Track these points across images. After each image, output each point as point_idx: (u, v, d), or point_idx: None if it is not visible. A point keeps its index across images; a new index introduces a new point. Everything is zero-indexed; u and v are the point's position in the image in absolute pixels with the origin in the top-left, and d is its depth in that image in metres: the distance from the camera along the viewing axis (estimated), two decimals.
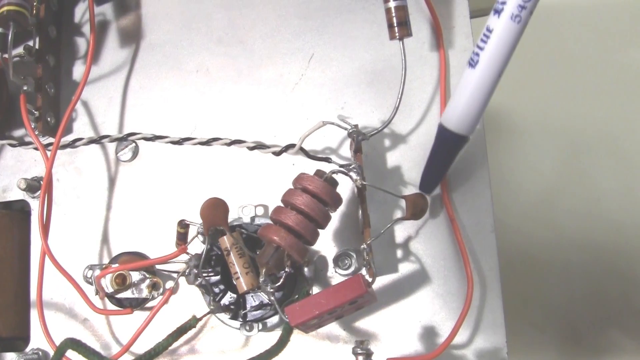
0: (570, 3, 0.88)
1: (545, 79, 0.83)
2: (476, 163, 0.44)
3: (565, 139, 0.75)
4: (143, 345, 0.43)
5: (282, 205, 0.39)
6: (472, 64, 0.28)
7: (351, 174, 0.41)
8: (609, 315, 0.65)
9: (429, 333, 0.42)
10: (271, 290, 0.40)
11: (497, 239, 0.43)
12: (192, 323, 0.42)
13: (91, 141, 0.49)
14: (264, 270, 0.39)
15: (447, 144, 0.31)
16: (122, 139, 0.49)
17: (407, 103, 0.45)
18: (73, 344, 0.38)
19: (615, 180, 0.71)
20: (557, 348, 0.66)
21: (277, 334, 0.44)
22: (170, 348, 0.41)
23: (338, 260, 0.44)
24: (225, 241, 0.41)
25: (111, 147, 0.50)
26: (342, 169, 0.41)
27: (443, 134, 0.31)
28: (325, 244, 0.44)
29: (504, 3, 0.27)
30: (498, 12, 0.27)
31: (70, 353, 0.41)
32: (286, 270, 0.40)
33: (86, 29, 0.52)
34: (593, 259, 0.68)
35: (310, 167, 0.43)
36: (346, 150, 0.45)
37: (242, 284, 0.41)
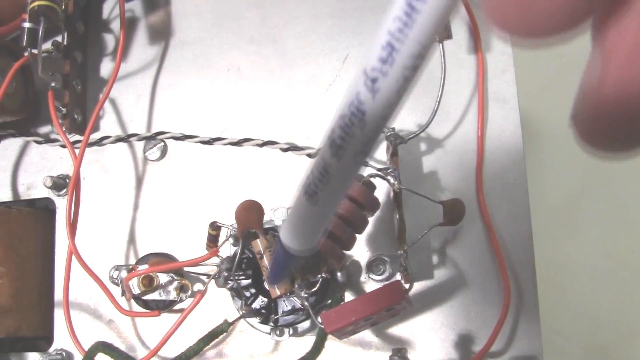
0: None
1: (569, 84, 0.82)
2: (513, 170, 0.43)
3: None
4: (169, 348, 0.43)
5: None
6: (312, 202, 0.23)
7: (388, 177, 0.40)
8: (636, 323, 0.64)
9: (464, 341, 0.42)
10: (305, 295, 0.40)
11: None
12: (223, 327, 0.41)
13: (119, 139, 0.49)
14: (300, 275, 0.38)
15: (285, 256, 0.27)
16: (151, 138, 0.48)
17: (443, 106, 0.44)
18: (105, 347, 0.38)
19: None
20: (583, 356, 0.65)
21: (307, 339, 0.43)
22: None
23: (372, 266, 0.43)
24: (259, 244, 0.40)
25: (139, 145, 0.49)
26: (379, 172, 0.40)
27: (281, 246, 0.27)
28: (359, 249, 0.44)
29: (342, 147, 0.20)
30: (336, 155, 0.21)
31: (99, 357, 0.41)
32: (322, 275, 0.39)
33: (114, 25, 0.51)
34: (619, 266, 0.67)
35: None
36: (381, 154, 0.45)
37: (275, 288, 0.40)
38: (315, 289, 0.39)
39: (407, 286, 0.39)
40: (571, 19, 0.13)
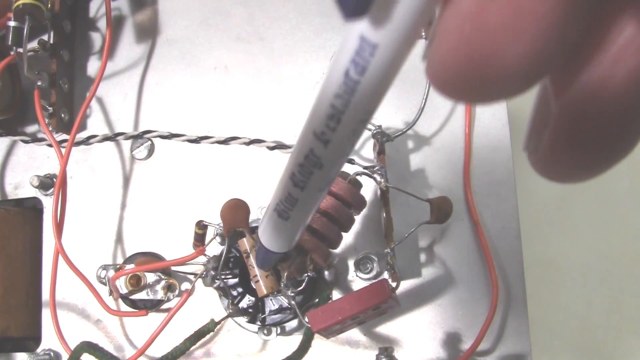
0: None
1: None
2: (501, 167, 0.43)
3: None
4: (156, 348, 0.42)
5: None
6: (284, 217, 0.24)
7: (375, 176, 0.40)
8: (627, 321, 0.64)
9: (452, 339, 0.41)
10: (292, 294, 0.40)
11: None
12: (210, 327, 0.41)
13: (105, 138, 0.48)
14: (285, 274, 0.38)
15: (266, 252, 0.29)
16: (138, 137, 0.48)
17: (431, 104, 0.44)
18: (90, 347, 0.37)
19: (632, 186, 0.70)
20: (574, 354, 0.65)
21: (295, 337, 0.43)
22: None
23: (359, 264, 0.43)
24: (245, 243, 0.40)
25: (126, 144, 0.49)
26: (366, 170, 0.40)
27: (261, 244, 0.29)
28: (346, 247, 0.43)
29: (304, 182, 0.21)
30: (299, 187, 0.22)
31: (85, 357, 0.41)
32: (308, 274, 0.39)
33: (101, 24, 0.51)
34: (611, 265, 0.67)
35: None
36: (368, 152, 0.44)
37: (262, 287, 0.40)
38: (301, 287, 0.39)
39: (394, 285, 0.39)
40: (522, 86, 0.13)
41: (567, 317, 0.65)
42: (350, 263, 0.43)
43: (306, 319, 0.38)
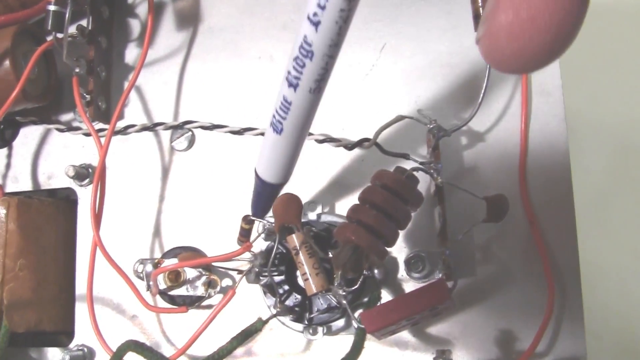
0: (621, 2, 0.85)
1: (596, 78, 0.80)
2: (558, 165, 0.41)
3: (616, 139, 0.72)
4: (194, 346, 0.41)
5: (359, 203, 0.37)
6: (277, 130, 0.28)
7: (432, 172, 0.39)
8: None
9: (506, 340, 0.40)
10: (344, 293, 0.38)
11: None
12: (258, 326, 0.39)
13: (144, 128, 0.47)
14: (340, 273, 0.37)
15: (261, 187, 0.33)
16: (178, 127, 0.46)
17: (485, 98, 0.42)
18: (137, 347, 0.36)
19: None
20: (614, 355, 0.64)
21: (341, 337, 0.42)
22: None
23: (410, 263, 0.41)
24: (295, 239, 0.39)
25: (165, 135, 0.47)
26: (422, 166, 0.38)
27: (257, 178, 0.32)
28: (396, 245, 0.42)
29: (297, 78, 0.25)
30: (293, 86, 0.25)
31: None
32: (364, 272, 0.38)
33: (140, 10, 0.49)
34: None
35: (381, 163, 0.40)
36: (421, 147, 0.43)
37: (312, 285, 0.38)
38: (356, 286, 0.38)
39: (449, 284, 0.38)
40: (553, 58, 0.19)
41: (606, 318, 0.64)
42: (400, 261, 0.42)
43: (359, 319, 0.36)
